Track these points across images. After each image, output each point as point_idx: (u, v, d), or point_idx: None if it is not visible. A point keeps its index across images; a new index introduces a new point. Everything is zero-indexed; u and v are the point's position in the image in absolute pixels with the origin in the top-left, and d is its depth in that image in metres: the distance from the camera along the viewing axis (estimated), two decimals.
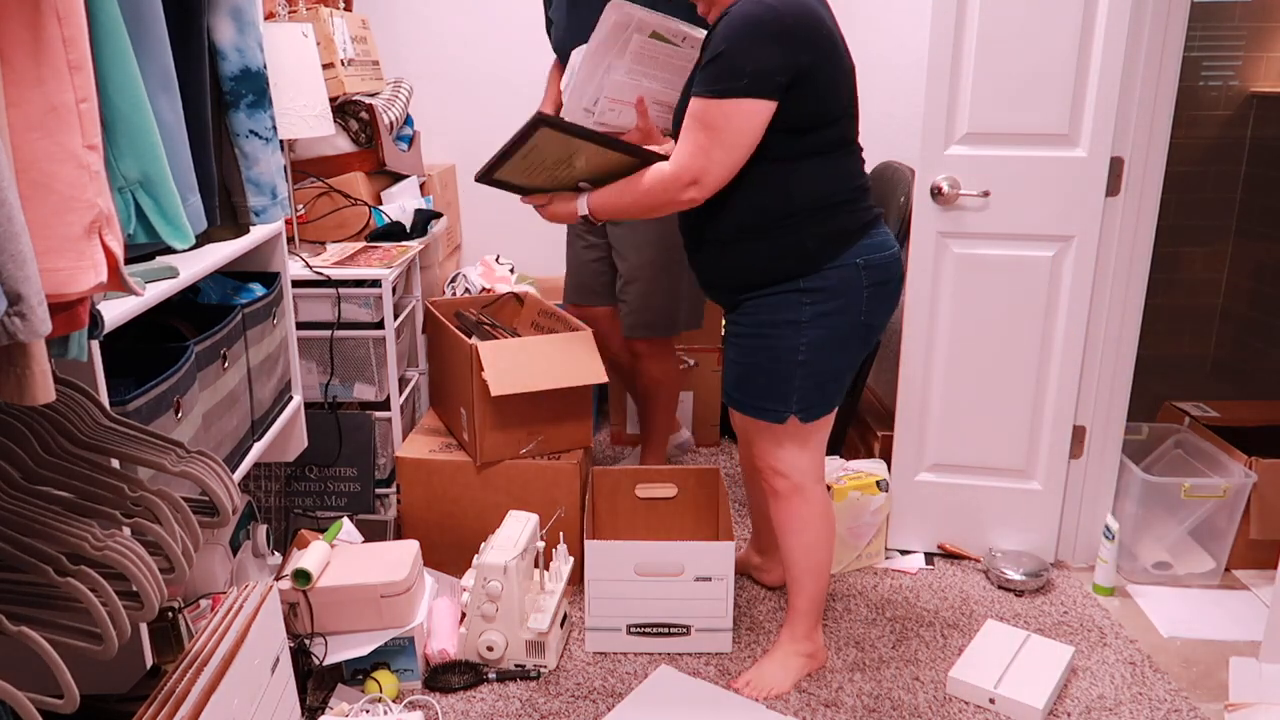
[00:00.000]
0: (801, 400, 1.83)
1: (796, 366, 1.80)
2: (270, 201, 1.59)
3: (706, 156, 1.68)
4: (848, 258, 1.77)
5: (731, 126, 1.66)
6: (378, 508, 2.48)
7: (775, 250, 1.78)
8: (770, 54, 1.62)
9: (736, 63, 1.62)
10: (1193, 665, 2.09)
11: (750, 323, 1.84)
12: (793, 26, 1.63)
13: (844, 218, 1.78)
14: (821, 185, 1.76)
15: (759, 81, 1.63)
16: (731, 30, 1.63)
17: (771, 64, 1.62)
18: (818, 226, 1.76)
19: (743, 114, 1.65)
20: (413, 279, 2.75)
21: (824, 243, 1.77)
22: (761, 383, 1.84)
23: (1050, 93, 2.17)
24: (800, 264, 1.77)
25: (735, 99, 1.64)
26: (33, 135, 0.89)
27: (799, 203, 1.75)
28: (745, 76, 1.62)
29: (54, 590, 1.02)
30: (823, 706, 1.95)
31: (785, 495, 1.93)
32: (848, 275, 1.77)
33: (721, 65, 1.64)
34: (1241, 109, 3.45)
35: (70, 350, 1.09)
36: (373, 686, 1.95)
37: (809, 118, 1.70)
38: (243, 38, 1.47)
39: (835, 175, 1.78)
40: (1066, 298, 2.29)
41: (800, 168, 1.74)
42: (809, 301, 1.77)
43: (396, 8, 3.29)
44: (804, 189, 1.75)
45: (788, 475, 1.91)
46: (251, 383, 1.82)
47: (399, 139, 2.89)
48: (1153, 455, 2.61)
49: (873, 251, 1.79)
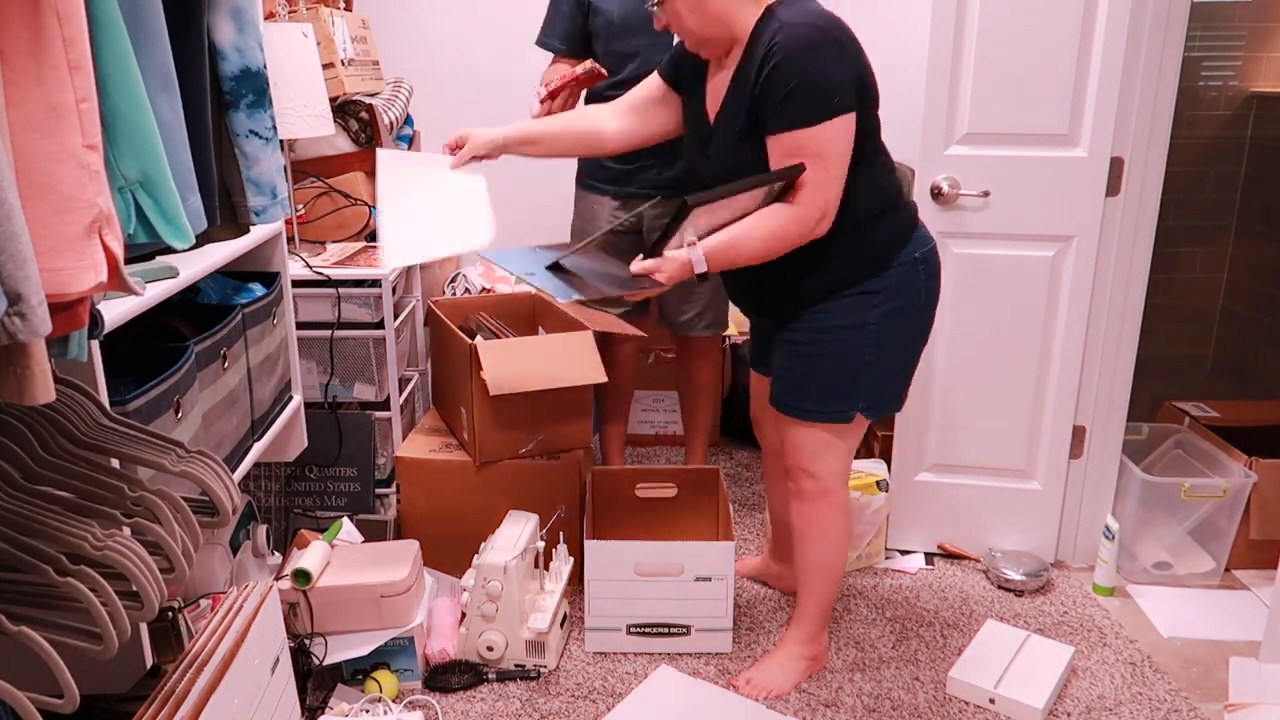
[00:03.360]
0: (868, 398, 1.83)
1: (864, 368, 1.80)
2: (270, 201, 1.59)
3: (826, 188, 1.66)
4: (908, 253, 1.79)
5: (836, 150, 1.65)
6: (378, 508, 2.48)
7: (846, 258, 1.76)
8: (841, 69, 1.63)
9: (821, 87, 1.61)
10: (1193, 665, 2.09)
11: (814, 329, 1.81)
12: (843, 37, 1.65)
13: (900, 216, 1.81)
14: (878, 188, 1.77)
15: (844, 97, 1.63)
16: (798, 59, 1.60)
17: (846, 77, 1.63)
18: (881, 229, 1.78)
19: (841, 133, 1.64)
20: (413, 279, 2.75)
21: (889, 244, 1.78)
22: (825, 386, 1.82)
23: (1050, 93, 2.17)
24: (869, 267, 1.77)
25: (830, 120, 1.62)
26: (33, 135, 0.89)
27: (864, 208, 1.74)
28: (835, 95, 1.62)
29: (54, 590, 1.02)
30: (823, 706, 1.95)
31: (812, 497, 1.91)
32: (909, 271, 1.79)
33: (806, 94, 1.61)
34: (1241, 109, 3.45)
35: (70, 350, 1.09)
36: (373, 686, 1.95)
37: (866, 123, 1.71)
38: (243, 38, 1.47)
39: (886, 176, 1.80)
40: (1066, 298, 2.29)
41: (861, 174, 1.72)
42: (878, 303, 1.77)
43: (396, 8, 3.29)
44: (867, 194, 1.75)
45: (819, 477, 1.89)
46: (251, 383, 1.82)
47: (399, 139, 2.89)
48: (1153, 455, 2.61)
49: (924, 245, 1.82)
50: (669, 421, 3.24)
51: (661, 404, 3.23)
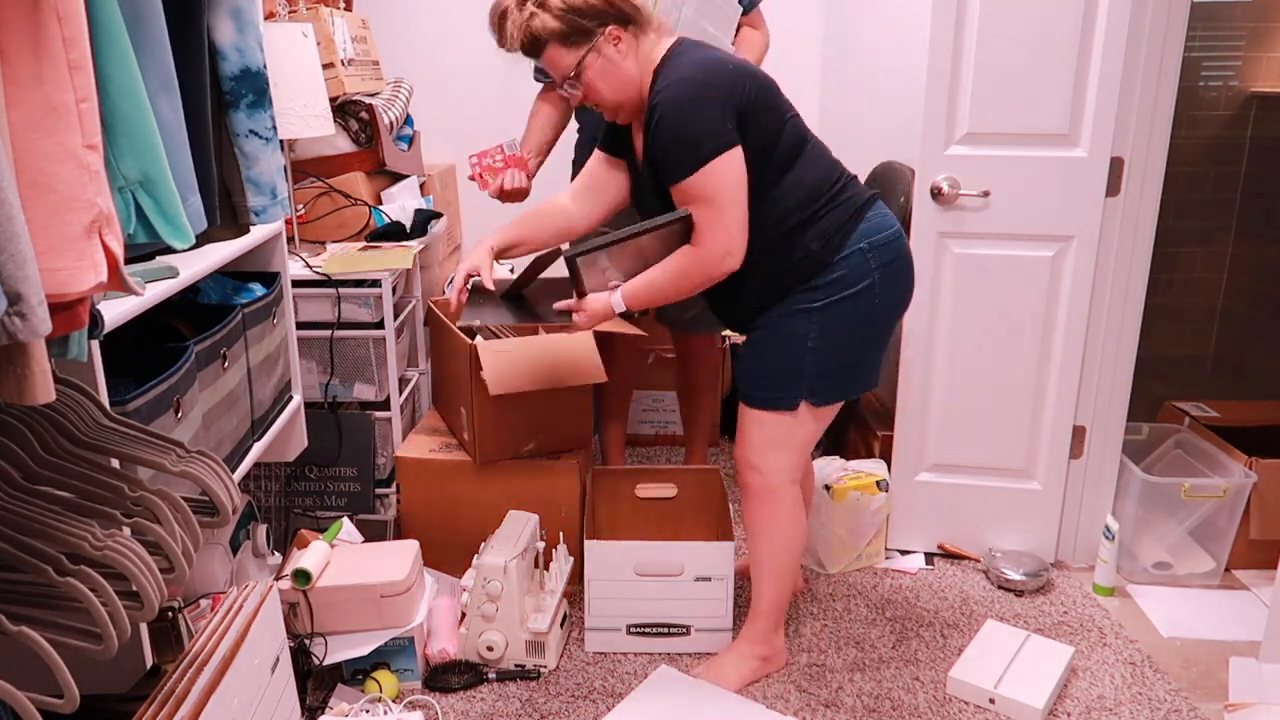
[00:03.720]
0: (812, 385, 1.85)
1: (806, 352, 1.83)
2: (270, 201, 1.59)
3: (724, 225, 1.73)
4: (852, 244, 1.80)
5: (726, 186, 1.71)
6: (378, 508, 2.48)
7: (786, 266, 1.81)
8: (712, 113, 1.69)
9: (692, 137, 1.69)
10: (1193, 665, 2.09)
11: (764, 320, 1.87)
12: (712, 80, 1.70)
13: (835, 211, 1.81)
14: (802, 191, 1.80)
15: (721, 136, 1.69)
16: (669, 118, 1.69)
17: (717, 121, 1.69)
18: (816, 227, 1.80)
19: (726, 170, 1.71)
20: (413, 279, 2.75)
21: (825, 240, 1.80)
22: (771, 371, 1.87)
23: (1050, 93, 2.17)
24: (810, 267, 1.81)
25: (711, 161, 1.69)
26: (33, 135, 0.89)
27: (791, 217, 1.79)
28: (709, 140, 1.69)
29: (54, 590, 1.02)
30: (823, 706, 1.95)
31: (757, 493, 1.93)
32: (855, 261, 1.80)
33: (681, 147, 1.70)
34: (1241, 109, 3.45)
35: (70, 350, 1.09)
36: (373, 686, 1.95)
37: (762, 140, 1.75)
38: (243, 37, 1.47)
39: (810, 176, 1.81)
40: (1066, 298, 2.29)
41: (779, 186, 1.78)
42: (822, 295, 1.81)
43: (396, 8, 3.29)
44: (790, 201, 1.79)
45: (764, 472, 1.91)
46: (251, 383, 1.82)
47: (399, 139, 2.89)
48: (1153, 455, 2.61)
49: (874, 233, 1.82)
50: (669, 421, 3.24)
51: (661, 404, 3.23)
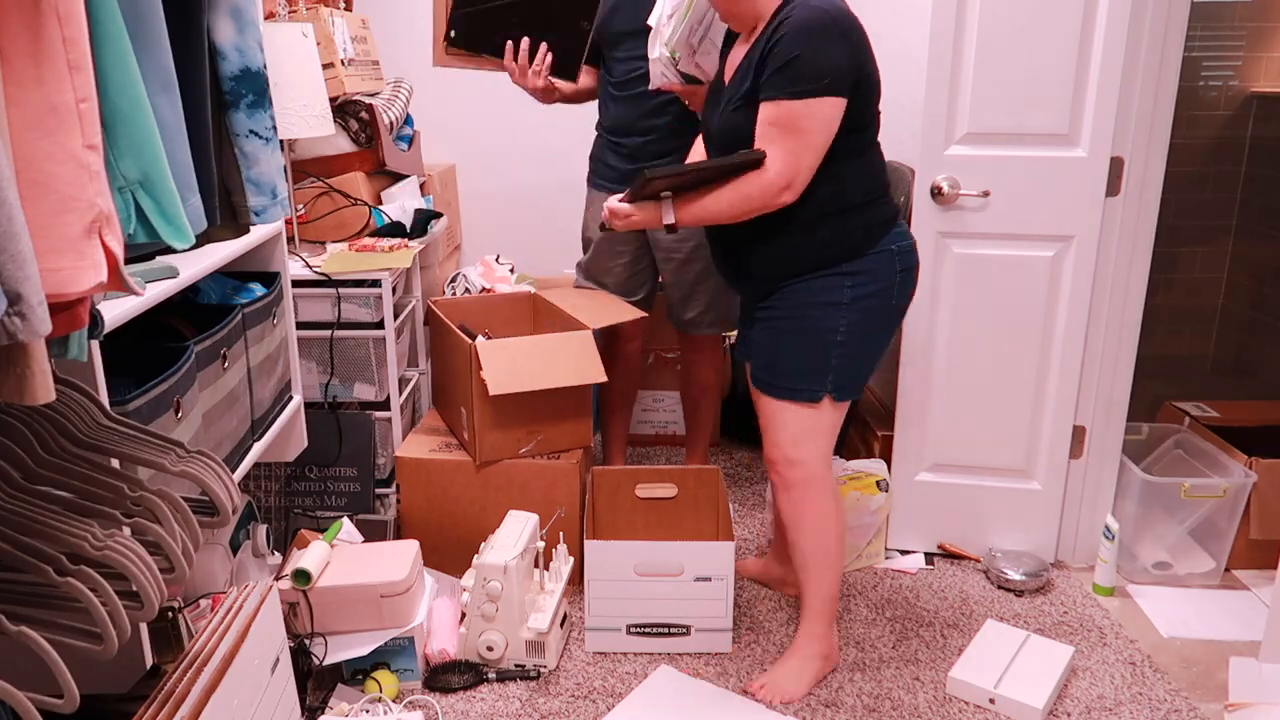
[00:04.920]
0: (836, 379, 1.87)
1: (835, 346, 1.86)
2: (270, 201, 1.59)
3: (798, 160, 1.74)
4: (885, 244, 1.86)
5: (817, 127, 1.73)
6: (378, 508, 2.48)
7: (828, 238, 1.85)
8: (840, 54, 1.71)
9: (814, 65, 1.69)
10: (1193, 665, 2.09)
11: (789, 305, 1.89)
12: (850, 29, 1.73)
13: (883, 208, 1.88)
14: (868, 178, 1.86)
15: (836, 80, 1.71)
16: (800, 35, 1.69)
17: (843, 63, 1.71)
18: (866, 216, 1.85)
19: (825, 113, 1.72)
20: (413, 279, 2.75)
21: (869, 231, 1.85)
22: (797, 362, 1.89)
23: (1050, 93, 2.17)
24: (848, 250, 1.85)
25: (818, 98, 1.70)
26: (33, 135, 0.89)
27: (852, 195, 1.84)
28: (826, 76, 1.70)
29: (54, 590, 1.02)
30: (823, 706, 1.95)
31: (799, 485, 1.93)
32: (884, 261, 1.86)
33: (799, 69, 1.70)
34: (1241, 109, 3.45)
35: (70, 350, 1.09)
36: (373, 686, 1.95)
37: (863, 115, 1.79)
38: (243, 37, 1.47)
39: (876, 168, 1.88)
40: (1066, 298, 2.29)
41: (853, 163, 1.82)
42: (850, 285, 1.84)
43: (396, 8, 3.29)
44: (856, 182, 1.84)
45: (805, 463, 1.92)
46: (251, 383, 1.82)
47: (399, 139, 2.89)
48: (1153, 455, 2.61)
49: (902, 239, 1.89)
50: (669, 421, 3.24)
51: (661, 404, 3.23)
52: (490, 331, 2.52)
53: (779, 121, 1.73)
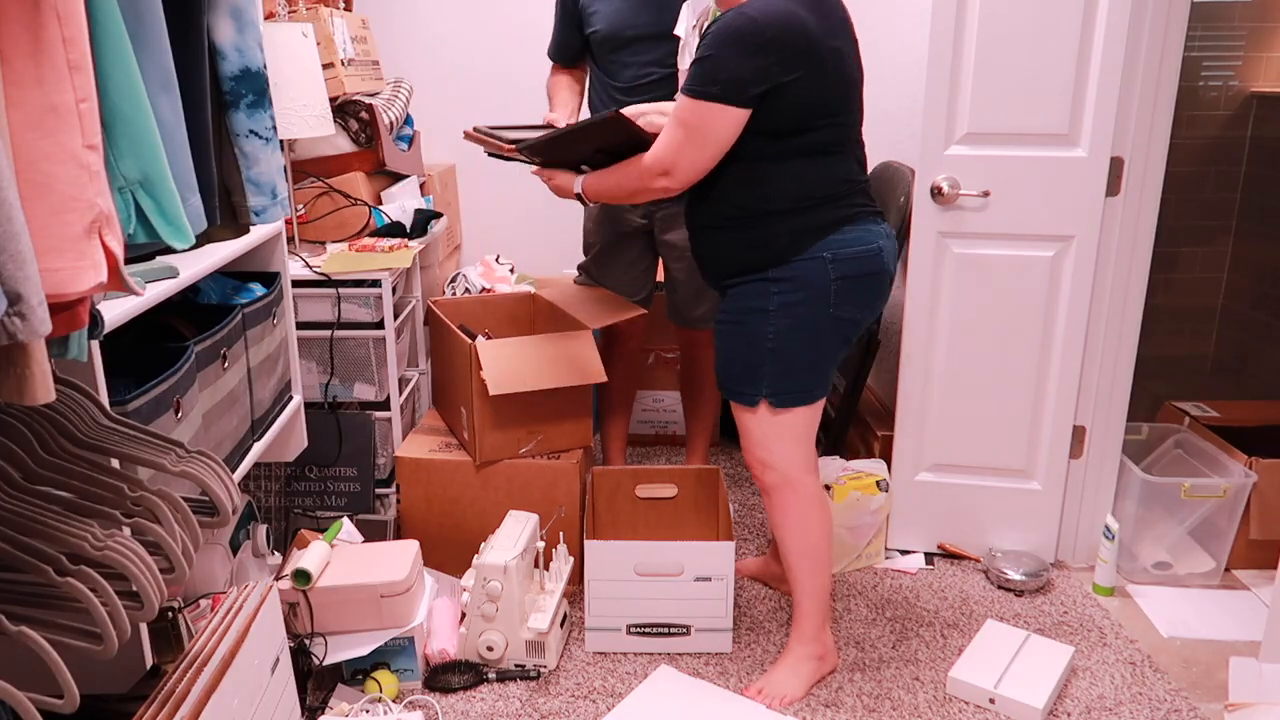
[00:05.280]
0: (771, 385, 1.87)
1: (767, 353, 1.85)
2: (270, 201, 1.59)
3: (678, 151, 1.78)
4: (815, 251, 1.82)
5: (703, 127, 1.75)
6: (378, 508, 2.48)
7: (748, 241, 1.85)
8: (744, 66, 1.69)
9: (714, 69, 1.70)
10: (1193, 665, 2.09)
11: (730, 309, 1.91)
12: (771, 40, 1.68)
13: (819, 214, 1.83)
14: (798, 185, 1.81)
15: (730, 90, 1.70)
16: (715, 38, 1.70)
17: (744, 75, 1.69)
18: (791, 222, 1.82)
19: (714, 118, 1.73)
20: (413, 279, 2.75)
21: (795, 237, 1.83)
22: (738, 366, 1.90)
23: (1050, 93, 2.17)
24: (769, 255, 1.84)
25: (708, 103, 1.72)
26: (33, 135, 0.89)
27: (774, 200, 1.82)
28: (718, 84, 1.70)
29: (54, 590, 1.02)
30: (823, 706, 1.95)
31: (776, 488, 1.93)
32: (813, 267, 1.82)
33: (703, 69, 1.72)
34: (1241, 109, 3.45)
35: (70, 350, 1.09)
36: (373, 686, 1.95)
37: (788, 124, 1.77)
38: (243, 37, 1.47)
39: (816, 176, 1.82)
40: (1066, 298, 2.29)
41: (778, 168, 1.81)
42: (776, 291, 1.83)
43: (396, 8, 3.29)
44: (780, 188, 1.81)
45: (775, 467, 1.91)
46: (251, 383, 1.82)
47: (399, 139, 2.89)
48: (1153, 455, 2.61)
49: (844, 246, 1.83)
50: (669, 421, 3.24)
51: (661, 404, 3.23)
52: (490, 331, 2.52)
53: (677, 112, 1.77)
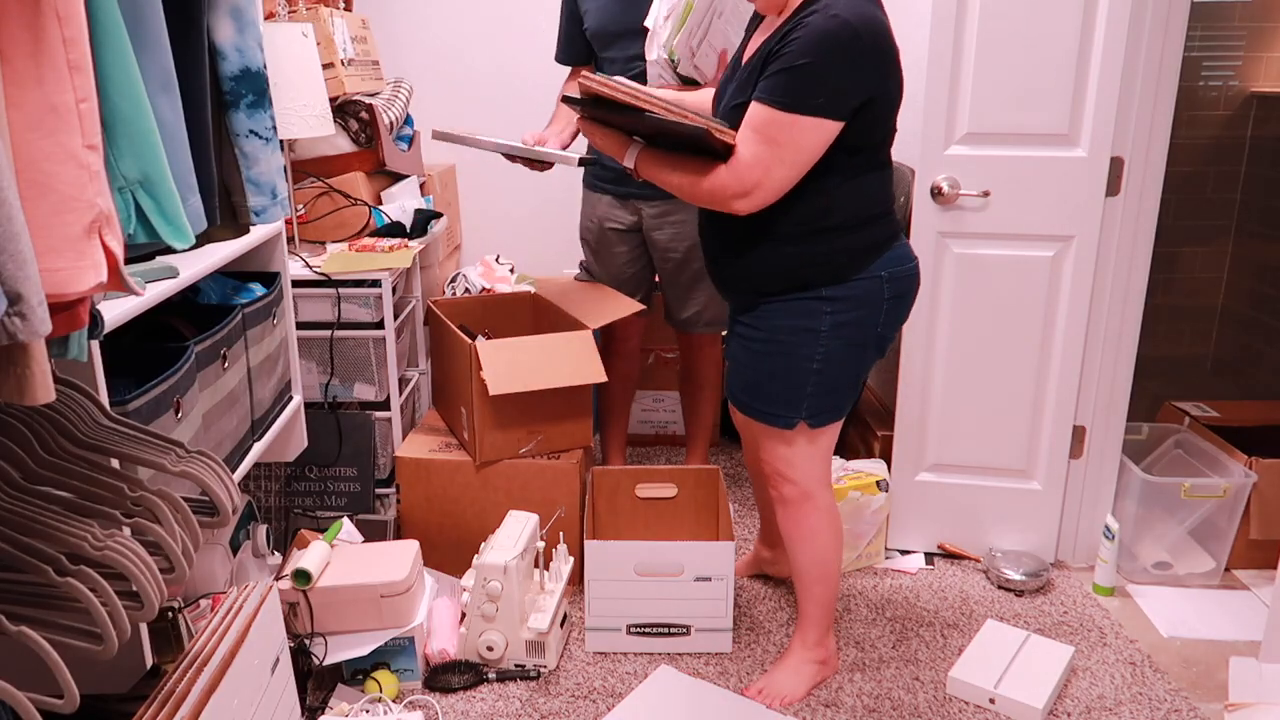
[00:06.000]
0: (812, 407, 1.81)
1: (811, 374, 1.78)
2: (270, 201, 1.59)
3: (766, 172, 1.63)
4: (874, 269, 1.75)
5: (797, 144, 1.61)
6: (378, 508, 2.48)
7: (805, 258, 1.74)
8: (849, 76, 1.58)
9: (815, 81, 1.57)
10: (1193, 665, 2.09)
11: (766, 327, 1.80)
12: (872, 49, 1.59)
13: (876, 231, 1.76)
14: (862, 201, 1.74)
15: (834, 102, 1.58)
16: (812, 45, 1.56)
17: (848, 86, 1.58)
18: (852, 239, 1.74)
19: (812, 133, 1.60)
20: (413, 279, 2.75)
21: (856, 255, 1.74)
22: (774, 389, 1.82)
23: (1050, 93, 2.17)
24: (830, 274, 1.74)
25: (808, 117, 1.59)
26: (33, 135, 0.89)
27: (839, 217, 1.72)
28: (823, 95, 1.58)
29: (54, 590, 1.02)
30: (823, 706, 1.95)
31: (794, 502, 1.91)
32: (871, 287, 1.75)
33: (799, 79, 1.57)
34: (1241, 109, 3.45)
35: (70, 350, 1.09)
36: (373, 686, 1.95)
37: (866, 138, 1.68)
38: (243, 38, 1.47)
39: (876, 191, 1.76)
40: (1066, 298, 2.29)
41: (847, 184, 1.70)
42: (829, 310, 1.74)
43: (396, 8, 3.29)
44: (847, 204, 1.72)
45: (797, 482, 1.89)
46: (251, 383, 1.82)
47: (399, 139, 2.89)
48: (1153, 455, 2.61)
49: (896, 264, 1.78)
50: (669, 421, 3.24)
51: (661, 404, 3.23)
52: (490, 331, 2.52)
53: (760, 127, 1.61)
